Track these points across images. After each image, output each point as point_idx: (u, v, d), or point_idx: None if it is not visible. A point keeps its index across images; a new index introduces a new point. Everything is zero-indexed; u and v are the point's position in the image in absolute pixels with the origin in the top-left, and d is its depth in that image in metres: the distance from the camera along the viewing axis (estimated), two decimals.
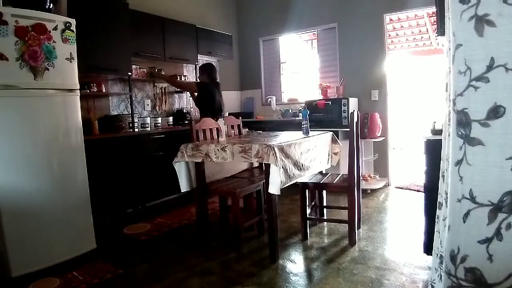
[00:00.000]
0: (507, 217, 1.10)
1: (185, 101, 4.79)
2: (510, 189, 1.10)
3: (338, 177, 2.90)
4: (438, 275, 1.35)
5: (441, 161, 1.39)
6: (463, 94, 1.16)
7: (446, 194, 1.28)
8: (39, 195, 2.32)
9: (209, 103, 3.84)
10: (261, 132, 3.69)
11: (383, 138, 4.35)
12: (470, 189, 1.16)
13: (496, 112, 1.11)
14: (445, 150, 1.34)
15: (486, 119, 1.12)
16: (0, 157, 2.16)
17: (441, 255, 1.33)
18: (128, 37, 3.61)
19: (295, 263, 2.41)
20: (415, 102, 7.41)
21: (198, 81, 4.05)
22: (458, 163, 1.19)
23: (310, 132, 2.89)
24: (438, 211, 1.44)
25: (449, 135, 1.26)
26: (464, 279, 1.19)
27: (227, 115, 4.36)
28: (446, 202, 1.28)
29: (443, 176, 1.37)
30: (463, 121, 1.17)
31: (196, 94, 3.94)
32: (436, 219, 1.46)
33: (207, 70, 3.95)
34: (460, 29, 1.16)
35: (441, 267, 1.31)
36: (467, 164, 1.17)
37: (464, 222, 1.18)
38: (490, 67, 1.11)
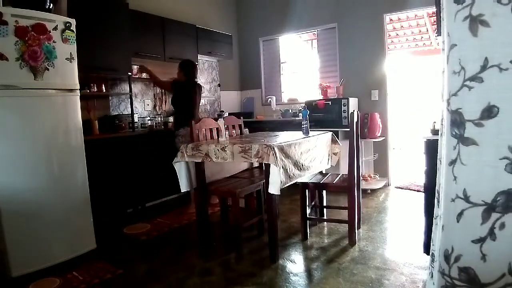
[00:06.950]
0: (500, 216, 1.11)
1: None
2: (504, 189, 1.10)
3: (338, 177, 2.90)
4: (429, 273, 1.35)
5: (437, 160, 1.40)
6: (457, 94, 1.16)
7: (439, 193, 1.28)
8: (39, 195, 2.32)
9: (183, 103, 3.67)
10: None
11: (383, 138, 4.35)
12: (464, 189, 1.16)
13: (490, 112, 1.11)
14: (440, 150, 1.35)
15: (480, 119, 1.12)
16: (0, 157, 2.16)
17: (432, 253, 1.34)
18: (128, 37, 3.61)
19: (295, 263, 2.41)
20: (415, 102, 7.42)
21: (174, 79, 3.78)
22: (452, 162, 1.19)
23: (310, 132, 2.89)
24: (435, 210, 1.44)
25: (441, 135, 1.26)
26: (458, 278, 1.19)
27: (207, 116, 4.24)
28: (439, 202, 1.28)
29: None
30: (457, 121, 1.17)
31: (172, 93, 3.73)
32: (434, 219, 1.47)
33: (182, 68, 3.70)
34: (454, 29, 1.16)
35: (432, 266, 1.32)
36: (461, 164, 1.17)
37: (458, 221, 1.18)
38: (484, 67, 1.10)
